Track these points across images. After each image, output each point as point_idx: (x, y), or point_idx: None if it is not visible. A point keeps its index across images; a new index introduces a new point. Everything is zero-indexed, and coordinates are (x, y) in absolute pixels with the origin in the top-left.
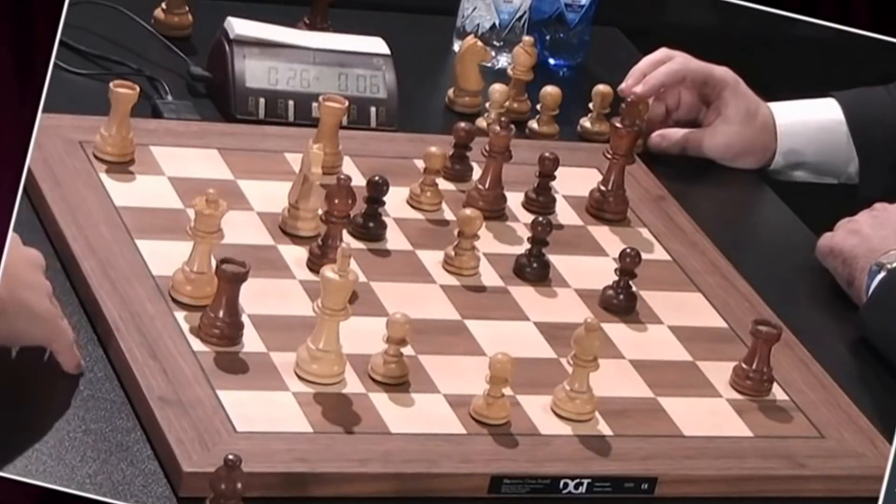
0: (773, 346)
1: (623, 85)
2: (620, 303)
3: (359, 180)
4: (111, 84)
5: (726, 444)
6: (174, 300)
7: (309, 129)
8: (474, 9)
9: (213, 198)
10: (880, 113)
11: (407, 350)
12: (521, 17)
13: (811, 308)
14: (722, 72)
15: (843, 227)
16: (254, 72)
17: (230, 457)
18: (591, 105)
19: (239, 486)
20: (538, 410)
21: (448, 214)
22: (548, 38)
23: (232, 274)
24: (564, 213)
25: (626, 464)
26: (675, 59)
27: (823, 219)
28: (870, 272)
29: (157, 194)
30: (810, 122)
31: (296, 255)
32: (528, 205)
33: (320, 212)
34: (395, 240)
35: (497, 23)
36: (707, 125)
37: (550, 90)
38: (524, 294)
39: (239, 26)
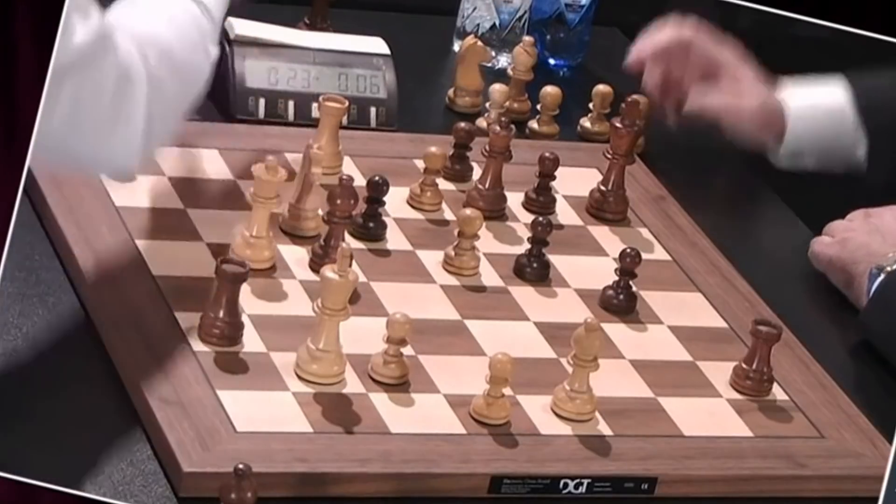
0: (773, 346)
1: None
2: (620, 303)
3: (359, 180)
4: None
5: (726, 444)
6: (230, 262)
7: (309, 129)
8: (474, 9)
9: (273, 164)
10: (889, 97)
11: (407, 350)
12: (521, 18)
13: (811, 308)
14: (729, 54)
15: (838, 235)
16: (254, 72)
17: (240, 466)
18: (591, 105)
19: (249, 495)
20: (538, 410)
21: (448, 214)
22: (548, 38)
23: (232, 274)
24: (564, 213)
25: (626, 464)
26: (684, 32)
27: (823, 218)
28: (870, 275)
29: (157, 194)
30: (819, 105)
31: (296, 255)
32: (528, 205)
33: (321, 212)
34: (395, 240)
35: (497, 23)
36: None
37: (550, 90)
38: (524, 294)
39: (239, 26)
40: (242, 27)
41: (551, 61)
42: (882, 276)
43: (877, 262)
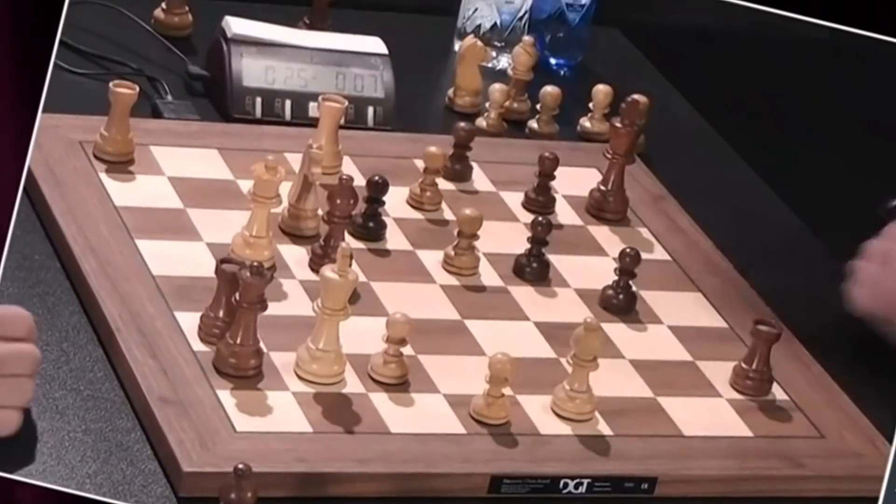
0: (773, 346)
1: None
2: (620, 303)
3: (358, 180)
4: (111, 84)
5: (726, 444)
6: (230, 262)
7: (309, 128)
8: (475, 10)
9: (272, 164)
10: None
11: (407, 350)
12: (522, 17)
13: (811, 308)
14: None
15: (875, 259)
16: (251, 71)
17: (240, 466)
18: (591, 105)
19: (249, 495)
20: (538, 410)
21: (448, 214)
22: (548, 37)
23: (232, 274)
24: (564, 213)
25: (626, 464)
26: None
27: (823, 218)
28: None
29: (157, 194)
30: None
31: (296, 255)
32: (528, 205)
33: (321, 212)
34: (395, 240)
35: (498, 22)
36: None
37: (550, 90)
38: (524, 294)
39: (236, 25)
40: (240, 26)
41: (551, 61)
42: None
43: None
